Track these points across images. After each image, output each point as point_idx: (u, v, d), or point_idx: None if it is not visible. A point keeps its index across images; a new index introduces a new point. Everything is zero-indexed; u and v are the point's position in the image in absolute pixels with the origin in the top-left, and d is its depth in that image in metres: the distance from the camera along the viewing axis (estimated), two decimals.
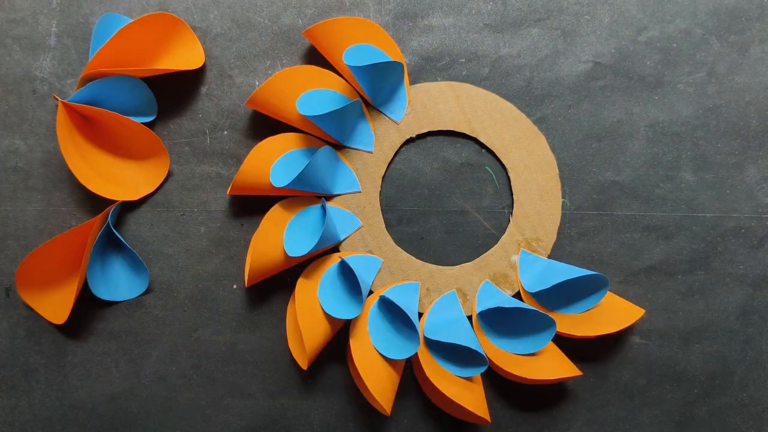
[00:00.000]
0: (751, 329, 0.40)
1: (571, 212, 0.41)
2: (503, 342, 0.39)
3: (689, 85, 0.41)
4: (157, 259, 0.41)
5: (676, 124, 0.41)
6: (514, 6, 0.41)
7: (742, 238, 0.41)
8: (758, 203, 0.41)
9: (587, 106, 0.41)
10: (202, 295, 0.41)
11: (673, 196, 0.41)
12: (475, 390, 0.38)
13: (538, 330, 0.38)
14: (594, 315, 0.39)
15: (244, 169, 0.38)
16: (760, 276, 0.40)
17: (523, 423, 0.40)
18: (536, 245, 0.40)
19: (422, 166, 0.41)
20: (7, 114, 0.41)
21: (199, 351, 0.41)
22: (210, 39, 0.41)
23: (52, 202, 0.41)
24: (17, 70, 0.41)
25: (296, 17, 0.41)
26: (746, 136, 0.41)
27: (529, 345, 0.38)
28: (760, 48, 0.41)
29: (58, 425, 0.41)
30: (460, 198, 0.41)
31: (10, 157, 0.41)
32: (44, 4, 0.41)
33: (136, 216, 0.41)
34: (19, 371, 0.41)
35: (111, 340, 0.41)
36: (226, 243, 0.41)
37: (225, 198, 0.41)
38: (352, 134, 0.40)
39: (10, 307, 0.41)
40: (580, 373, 0.38)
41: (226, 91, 0.41)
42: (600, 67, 0.41)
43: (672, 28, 0.41)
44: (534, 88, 0.41)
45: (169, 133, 0.41)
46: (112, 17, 0.40)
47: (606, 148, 0.41)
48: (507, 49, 0.41)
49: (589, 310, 0.39)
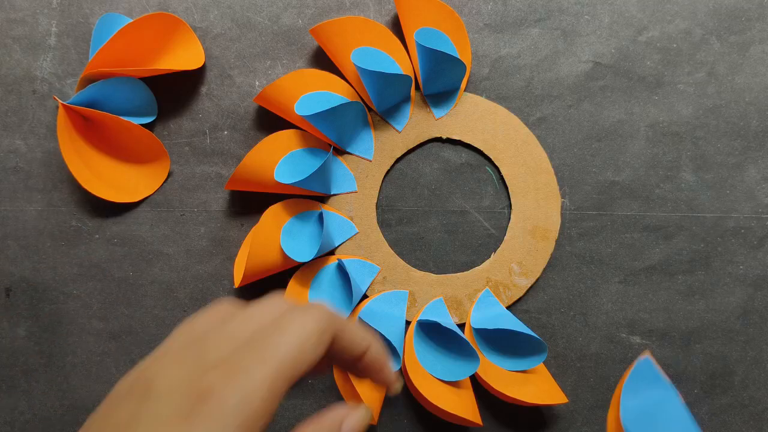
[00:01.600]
0: (751, 329, 0.40)
1: (571, 212, 0.41)
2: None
3: (689, 85, 0.41)
4: (157, 259, 0.41)
5: (676, 124, 0.41)
6: (514, 6, 0.41)
7: (742, 238, 0.41)
8: (758, 203, 0.41)
9: (587, 106, 0.41)
10: (202, 295, 0.41)
11: (673, 196, 0.41)
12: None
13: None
14: (519, 378, 0.38)
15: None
16: (760, 276, 0.40)
17: (523, 423, 0.40)
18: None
19: (422, 167, 0.41)
20: (7, 114, 0.41)
21: None
22: (210, 39, 0.41)
23: (52, 202, 0.41)
24: (17, 70, 0.41)
25: (296, 17, 0.41)
26: (746, 136, 0.41)
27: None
28: (760, 48, 0.41)
29: (58, 425, 0.41)
30: (460, 198, 0.41)
31: (10, 157, 0.41)
32: (44, 4, 0.41)
33: (136, 216, 0.41)
34: (19, 371, 0.41)
35: (111, 340, 0.41)
36: (226, 243, 0.41)
37: (225, 198, 0.41)
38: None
39: (10, 307, 0.41)
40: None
41: (226, 91, 0.41)
42: (600, 67, 0.41)
43: (672, 28, 0.41)
44: (534, 88, 0.41)
45: (169, 133, 0.41)
46: (112, 17, 0.40)
47: (606, 148, 0.41)
48: (507, 49, 0.41)
49: (517, 372, 0.39)
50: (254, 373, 0.20)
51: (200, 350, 0.21)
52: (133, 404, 0.20)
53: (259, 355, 0.20)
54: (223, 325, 0.22)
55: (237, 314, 0.23)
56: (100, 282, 0.41)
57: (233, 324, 0.22)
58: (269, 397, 0.20)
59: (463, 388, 0.38)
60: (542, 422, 0.41)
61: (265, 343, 0.21)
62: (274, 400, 0.20)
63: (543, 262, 0.40)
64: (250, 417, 0.19)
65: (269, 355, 0.20)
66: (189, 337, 0.22)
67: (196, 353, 0.21)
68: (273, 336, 0.21)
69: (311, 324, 0.22)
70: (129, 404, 0.20)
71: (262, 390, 0.20)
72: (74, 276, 0.41)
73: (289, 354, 0.21)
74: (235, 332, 0.22)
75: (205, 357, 0.21)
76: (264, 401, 0.19)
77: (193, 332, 0.23)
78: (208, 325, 0.23)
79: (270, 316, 0.22)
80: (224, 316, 0.23)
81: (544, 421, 0.41)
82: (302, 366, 0.21)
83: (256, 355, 0.20)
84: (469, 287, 0.40)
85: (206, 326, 0.23)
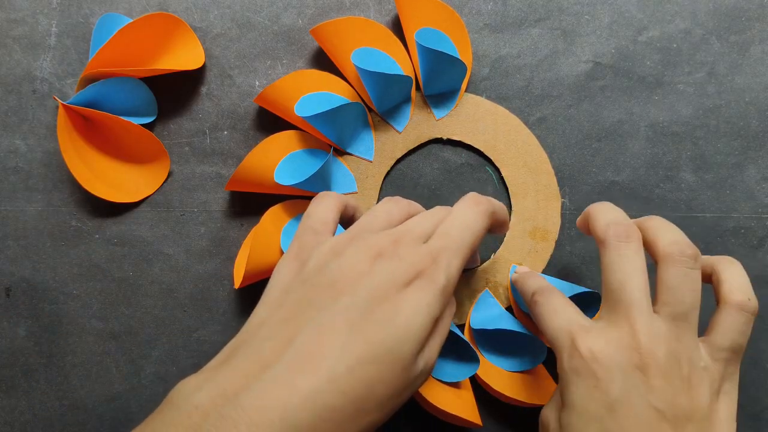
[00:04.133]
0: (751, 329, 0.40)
1: (571, 212, 0.41)
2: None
3: (689, 85, 0.41)
4: (157, 259, 0.41)
5: (676, 124, 0.41)
6: (514, 6, 0.41)
7: (742, 238, 0.41)
8: (758, 203, 0.41)
9: (587, 106, 0.41)
10: (202, 295, 0.41)
11: (673, 196, 0.41)
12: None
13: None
14: (519, 378, 0.38)
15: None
16: (760, 276, 0.40)
17: (522, 423, 0.40)
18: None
19: (422, 167, 0.41)
20: (7, 114, 0.41)
21: (199, 351, 0.41)
22: (210, 39, 0.41)
23: (52, 202, 0.41)
24: (17, 70, 0.41)
25: (296, 17, 0.41)
26: (746, 136, 0.41)
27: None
28: (760, 48, 0.41)
29: (58, 425, 0.41)
30: None
31: (10, 157, 0.41)
32: (44, 4, 0.41)
33: (136, 216, 0.41)
34: (19, 371, 0.41)
35: (111, 340, 0.41)
36: (226, 243, 0.41)
37: (225, 198, 0.41)
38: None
39: (10, 307, 0.41)
40: None
41: (226, 91, 0.41)
42: (600, 67, 0.41)
43: (672, 28, 0.41)
44: (534, 88, 0.41)
45: (169, 133, 0.41)
46: (112, 17, 0.40)
47: (606, 148, 0.41)
48: (507, 49, 0.41)
49: (517, 372, 0.38)
50: (453, 260, 0.29)
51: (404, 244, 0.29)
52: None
53: (452, 245, 0.29)
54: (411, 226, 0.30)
55: (417, 216, 0.31)
56: (100, 282, 0.41)
57: (418, 221, 0.31)
58: (460, 270, 0.29)
59: (463, 389, 0.38)
60: None
61: (450, 235, 0.30)
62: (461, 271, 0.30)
63: (543, 263, 0.40)
64: (452, 285, 0.28)
65: (458, 244, 0.29)
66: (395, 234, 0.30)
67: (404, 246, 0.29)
68: (452, 229, 0.30)
69: (477, 212, 0.31)
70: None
71: (458, 266, 0.29)
72: (74, 276, 0.41)
73: (469, 238, 0.30)
74: (423, 229, 0.30)
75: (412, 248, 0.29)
76: (458, 272, 0.29)
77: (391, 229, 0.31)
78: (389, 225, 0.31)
79: (442, 213, 0.31)
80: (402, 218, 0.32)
81: None
82: (479, 241, 0.31)
83: (450, 244, 0.29)
84: (469, 287, 0.40)
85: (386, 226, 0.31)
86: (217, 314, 0.41)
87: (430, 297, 0.27)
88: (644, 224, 0.32)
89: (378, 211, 0.31)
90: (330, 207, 0.33)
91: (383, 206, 0.32)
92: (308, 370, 0.24)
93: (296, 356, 0.25)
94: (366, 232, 0.30)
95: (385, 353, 0.25)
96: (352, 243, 0.29)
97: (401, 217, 0.32)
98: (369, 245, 0.28)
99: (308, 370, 0.24)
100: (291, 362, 0.25)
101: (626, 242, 0.31)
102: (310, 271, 0.28)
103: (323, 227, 0.32)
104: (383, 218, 0.31)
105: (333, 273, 0.28)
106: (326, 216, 0.32)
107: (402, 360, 0.25)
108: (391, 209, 0.32)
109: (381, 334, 0.25)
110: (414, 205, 0.33)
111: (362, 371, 0.24)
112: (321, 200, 0.33)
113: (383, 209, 0.32)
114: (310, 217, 0.32)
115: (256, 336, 0.27)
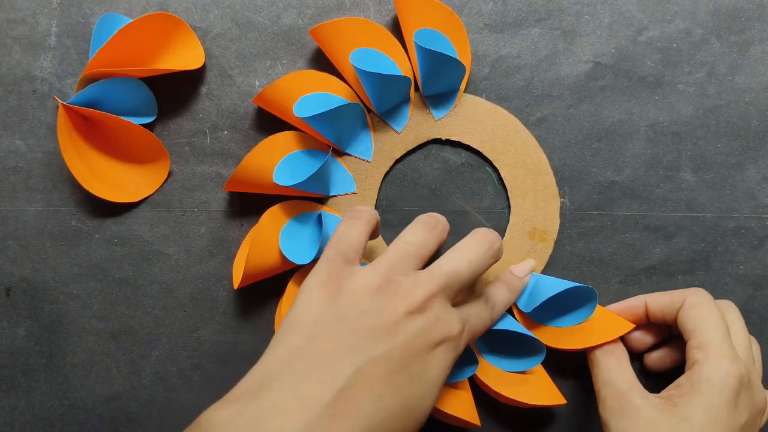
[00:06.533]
0: (751, 329, 0.40)
1: (571, 212, 0.41)
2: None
3: (689, 85, 0.41)
4: (157, 259, 0.41)
5: (676, 124, 0.41)
6: (514, 6, 0.41)
7: (742, 238, 0.41)
8: (758, 203, 0.41)
9: (587, 106, 0.41)
10: (202, 295, 0.41)
11: (673, 196, 0.41)
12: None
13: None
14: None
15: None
16: (760, 276, 0.40)
17: (521, 424, 0.40)
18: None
19: (422, 167, 0.41)
20: (7, 114, 0.41)
21: (199, 351, 0.41)
22: (210, 39, 0.41)
23: (52, 202, 0.41)
24: (17, 70, 0.41)
25: (296, 17, 0.41)
26: (746, 136, 0.41)
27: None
28: (760, 48, 0.41)
29: (58, 425, 0.41)
30: (461, 198, 0.41)
31: (10, 157, 0.41)
32: (44, 4, 0.41)
33: (136, 216, 0.41)
34: (19, 371, 0.41)
35: (111, 340, 0.41)
36: (226, 243, 0.41)
37: (225, 198, 0.41)
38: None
39: (10, 307, 0.41)
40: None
41: (226, 91, 0.41)
42: (600, 67, 0.41)
43: (672, 28, 0.41)
44: (534, 88, 0.41)
45: (169, 133, 0.41)
46: (112, 17, 0.40)
47: (606, 148, 0.41)
48: (507, 49, 0.41)
49: (516, 372, 0.39)
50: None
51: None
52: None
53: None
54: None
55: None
56: (100, 282, 0.41)
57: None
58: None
59: (462, 389, 0.38)
60: (540, 423, 0.41)
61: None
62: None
63: (542, 263, 0.40)
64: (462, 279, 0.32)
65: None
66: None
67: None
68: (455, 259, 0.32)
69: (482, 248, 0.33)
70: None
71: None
72: (74, 276, 0.41)
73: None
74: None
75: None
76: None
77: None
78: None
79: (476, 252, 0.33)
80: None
81: (542, 422, 0.41)
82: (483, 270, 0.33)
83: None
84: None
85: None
86: (216, 314, 0.41)
87: (452, 361, 0.30)
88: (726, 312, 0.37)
89: (412, 243, 0.32)
90: (363, 233, 0.33)
91: (417, 236, 0.33)
92: (349, 416, 0.26)
93: (338, 401, 0.26)
94: (399, 273, 0.31)
95: (412, 408, 0.28)
96: (387, 288, 0.30)
97: (434, 246, 0.33)
98: (405, 295, 0.29)
99: (349, 416, 0.26)
100: (332, 407, 0.26)
101: None
102: (343, 308, 0.29)
103: (354, 255, 0.32)
104: (417, 254, 0.32)
105: (371, 319, 0.29)
106: (358, 243, 0.33)
107: (422, 414, 0.29)
108: (426, 242, 0.32)
109: (411, 389, 0.28)
110: (445, 226, 0.34)
111: (392, 423, 0.27)
112: (353, 225, 0.33)
113: (417, 241, 0.32)
114: (341, 241, 0.32)
115: (291, 368, 0.27)
